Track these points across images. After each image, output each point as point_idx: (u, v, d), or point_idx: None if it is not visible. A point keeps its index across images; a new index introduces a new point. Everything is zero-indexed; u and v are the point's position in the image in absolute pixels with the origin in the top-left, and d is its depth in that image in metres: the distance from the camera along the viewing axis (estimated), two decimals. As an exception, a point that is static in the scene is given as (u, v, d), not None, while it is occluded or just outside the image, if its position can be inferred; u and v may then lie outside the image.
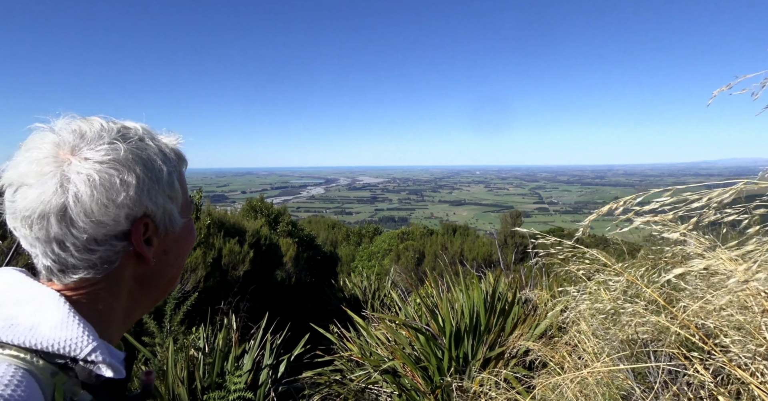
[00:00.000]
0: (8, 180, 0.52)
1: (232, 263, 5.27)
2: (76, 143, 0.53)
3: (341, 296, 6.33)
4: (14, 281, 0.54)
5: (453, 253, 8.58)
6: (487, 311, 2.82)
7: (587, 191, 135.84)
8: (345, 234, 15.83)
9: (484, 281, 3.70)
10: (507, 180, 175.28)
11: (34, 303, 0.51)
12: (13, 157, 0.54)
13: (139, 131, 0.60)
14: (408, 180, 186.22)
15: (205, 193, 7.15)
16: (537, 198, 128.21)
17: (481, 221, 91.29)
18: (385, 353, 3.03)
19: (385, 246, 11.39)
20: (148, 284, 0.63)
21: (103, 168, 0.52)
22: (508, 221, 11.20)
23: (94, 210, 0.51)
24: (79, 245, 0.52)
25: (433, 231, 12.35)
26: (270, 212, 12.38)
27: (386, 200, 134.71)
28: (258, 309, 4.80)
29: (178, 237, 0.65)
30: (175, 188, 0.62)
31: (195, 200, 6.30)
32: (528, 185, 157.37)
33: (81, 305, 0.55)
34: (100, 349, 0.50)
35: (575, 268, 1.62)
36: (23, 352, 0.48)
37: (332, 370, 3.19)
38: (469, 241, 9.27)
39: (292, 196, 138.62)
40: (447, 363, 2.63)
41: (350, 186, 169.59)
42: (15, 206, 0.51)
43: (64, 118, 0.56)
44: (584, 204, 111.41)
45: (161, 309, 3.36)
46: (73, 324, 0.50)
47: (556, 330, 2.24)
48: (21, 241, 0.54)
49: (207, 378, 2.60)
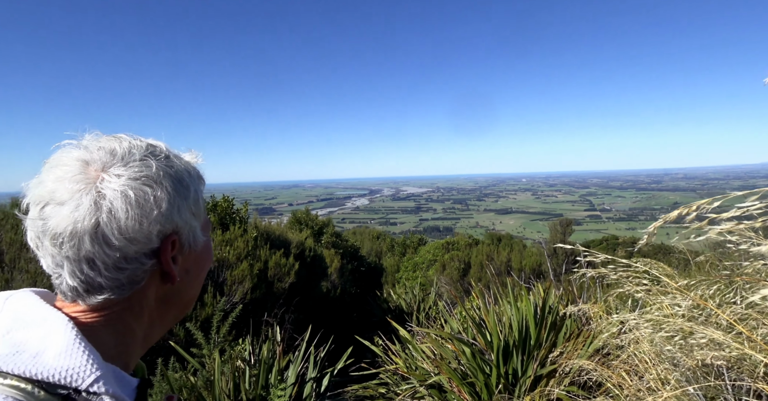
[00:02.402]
0: (36, 198, 0.51)
1: (277, 275, 5.36)
2: (107, 160, 0.53)
3: (386, 308, 6.27)
4: (30, 303, 0.53)
5: (499, 263, 8.34)
6: (537, 325, 2.68)
7: (643, 196, 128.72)
8: (389, 245, 15.81)
9: (532, 293, 3.54)
10: (555, 187, 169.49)
11: (43, 328, 0.49)
12: (37, 174, 0.53)
13: (164, 149, 0.60)
14: (452, 189, 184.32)
15: (253, 206, 7.34)
16: (588, 205, 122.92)
17: (528, 229, 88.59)
18: (430, 367, 2.95)
19: (429, 257, 11.25)
20: (169, 304, 0.61)
21: (137, 184, 0.52)
22: (557, 230, 10.78)
23: (128, 227, 0.51)
24: (110, 263, 0.51)
25: (479, 241, 12.09)
26: (315, 223, 12.59)
27: (430, 209, 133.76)
28: (303, 321, 4.84)
29: (198, 256, 0.63)
30: (200, 205, 0.62)
31: (242, 213, 6.48)
32: (578, 191, 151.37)
33: (101, 328, 0.53)
34: (103, 379, 0.48)
35: (632, 289, 1.48)
36: (24, 382, 0.45)
37: (377, 384, 3.14)
38: (516, 251, 8.98)
39: (337, 207, 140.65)
40: (495, 379, 2.51)
41: (394, 196, 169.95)
42: (46, 224, 0.50)
43: (90, 135, 0.56)
44: (640, 211, 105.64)
45: (209, 320, 3.44)
46: (78, 352, 0.48)
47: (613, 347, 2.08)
48: (45, 261, 0.52)
49: (252, 390, 2.62)
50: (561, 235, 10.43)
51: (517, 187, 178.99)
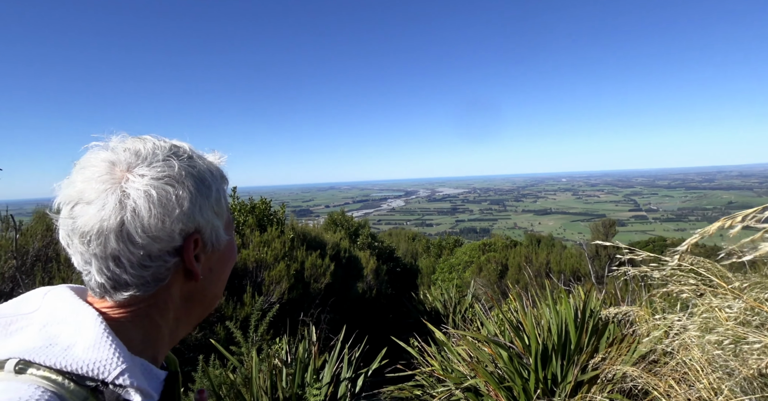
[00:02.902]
0: (66, 198, 0.53)
1: (314, 275, 5.43)
2: (132, 161, 0.55)
3: (421, 309, 6.23)
4: (65, 298, 0.55)
5: (538, 265, 8.12)
6: (578, 328, 2.58)
7: (693, 196, 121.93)
8: (425, 246, 15.73)
9: (573, 296, 3.42)
10: (597, 187, 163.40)
11: (75, 322, 0.52)
12: (68, 175, 0.55)
13: (187, 150, 0.61)
14: (489, 190, 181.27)
15: (290, 208, 7.49)
16: (633, 205, 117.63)
17: (569, 231, 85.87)
18: (466, 370, 2.90)
19: (465, 258, 11.11)
20: (193, 301, 0.63)
21: (160, 184, 0.54)
22: (599, 231, 10.37)
23: (151, 225, 0.52)
24: (134, 261, 0.53)
25: (517, 242, 11.83)
26: (350, 225, 12.71)
27: (467, 210, 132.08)
28: (338, 321, 4.88)
29: (221, 255, 0.65)
30: (222, 204, 0.63)
31: (279, 215, 6.61)
32: (622, 191, 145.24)
33: (128, 323, 0.55)
34: (129, 372, 0.49)
35: (678, 289, 1.39)
36: (55, 374, 0.47)
37: (413, 385, 3.12)
38: (556, 252, 8.71)
39: (373, 209, 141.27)
40: (533, 384, 2.44)
41: (430, 198, 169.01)
42: (75, 223, 0.52)
43: (117, 136, 0.58)
44: (690, 211, 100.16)
45: (248, 319, 3.52)
46: (105, 345, 0.49)
47: (660, 354, 1.98)
48: (75, 258, 0.55)
49: (288, 389, 2.66)
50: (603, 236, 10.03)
51: (556, 187, 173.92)
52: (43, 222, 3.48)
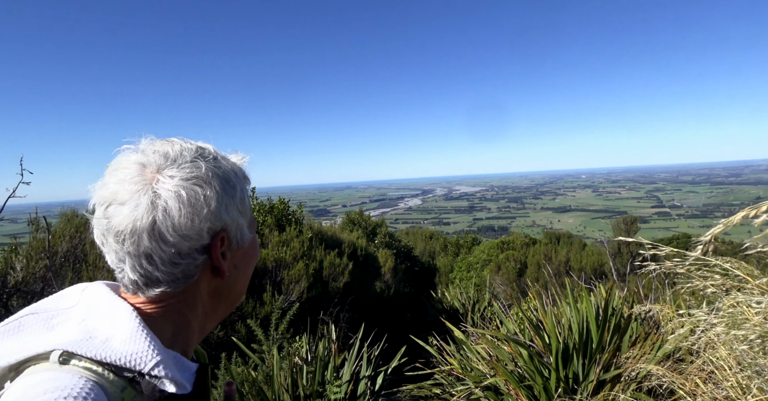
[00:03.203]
0: (100, 198, 0.56)
1: (332, 274, 5.47)
2: (161, 163, 0.57)
3: (440, 308, 6.22)
4: (101, 294, 0.59)
5: (558, 263, 8.02)
6: (599, 327, 2.55)
7: (719, 191, 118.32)
8: (443, 245, 15.68)
9: (594, 294, 3.38)
10: (618, 183, 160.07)
11: (111, 317, 0.55)
12: (100, 177, 0.58)
13: (212, 151, 0.64)
14: (507, 188, 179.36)
15: (308, 207, 7.55)
16: (656, 201, 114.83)
17: (589, 228, 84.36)
18: (486, 369, 2.89)
19: (484, 257, 11.04)
20: (219, 297, 0.66)
21: (188, 184, 0.56)
22: (621, 228, 10.19)
23: (182, 224, 0.55)
24: (165, 258, 0.56)
25: (536, 240, 11.70)
26: (368, 224, 12.74)
27: (484, 209, 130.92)
28: (357, 320, 4.90)
29: (246, 252, 0.67)
30: (246, 203, 0.66)
31: (297, 215, 6.68)
32: (644, 187, 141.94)
33: (160, 318, 0.58)
34: (164, 363, 0.52)
35: (704, 285, 1.35)
36: (96, 365, 0.50)
37: (432, 384, 3.12)
38: (576, 250, 8.59)
39: (390, 208, 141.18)
40: (554, 383, 2.41)
41: (447, 196, 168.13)
42: (109, 222, 0.55)
43: (145, 139, 0.61)
44: (716, 207, 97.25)
45: (268, 318, 3.57)
46: (141, 338, 0.52)
47: (685, 352, 1.93)
48: (109, 256, 0.58)
49: (309, 386, 2.69)
50: (625, 233, 9.84)
51: (576, 184, 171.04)
52: (71, 224, 3.59)
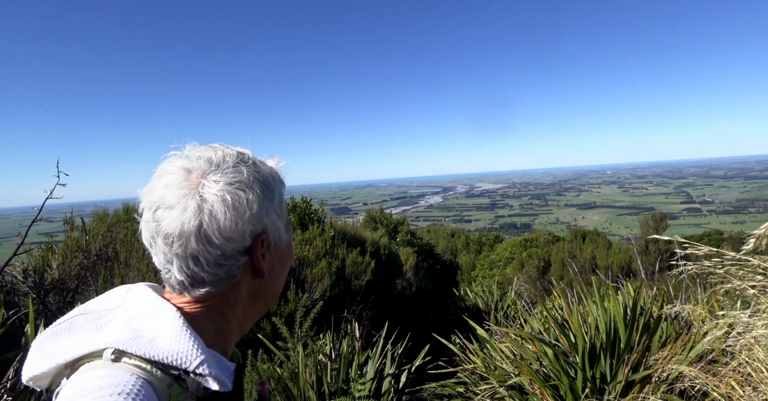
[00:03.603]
0: (149, 203, 0.59)
1: (355, 272, 5.50)
2: (205, 168, 0.60)
3: (462, 306, 6.19)
4: (145, 295, 0.62)
5: (583, 261, 7.87)
6: (627, 326, 2.49)
7: (753, 186, 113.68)
8: (464, 242, 15.57)
9: (621, 293, 3.30)
10: (645, 178, 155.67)
11: (157, 316, 0.58)
12: (148, 182, 0.62)
13: (251, 156, 0.67)
14: (529, 184, 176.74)
15: (329, 206, 7.61)
16: (685, 197, 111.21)
17: (615, 225, 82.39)
18: (510, 368, 2.86)
19: (506, 254, 10.92)
20: (258, 297, 0.68)
21: (232, 189, 0.59)
22: (649, 225, 9.92)
23: (226, 227, 0.58)
24: (211, 260, 0.58)
25: (560, 238, 11.50)
26: (389, 222, 12.75)
27: (506, 206, 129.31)
28: (380, 318, 4.92)
29: (282, 253, 0.70)
30: (283, 206, 0.69)
31: (319, 213, 6.73)
32: (672, 182, 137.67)
33: (203, 317, 0.61)
34: (207, 362, 0.54)
35: (743, 286, 1.31)
36: (145, 362, 0.53)
37: (455, 382, 3.11)
38: (602, 248, 8.42)
39: (411, 206, 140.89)
40: (581, 382, 2.38)
41: (468, 193, 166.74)
42: (159, 225, 0.58)
43: (190, 145, 0.65)
44: (750, 202, 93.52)
45: (292, 316, 3.62)
46: (185, 337, 0.55)
47: (719, 353, 1.87)
48: (157, 258, 0.61)
49: (334, 384, 2.71)
50: (653, 230, 9.58)
51: (601, 180, 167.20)
52: (103, 223, 3.71)
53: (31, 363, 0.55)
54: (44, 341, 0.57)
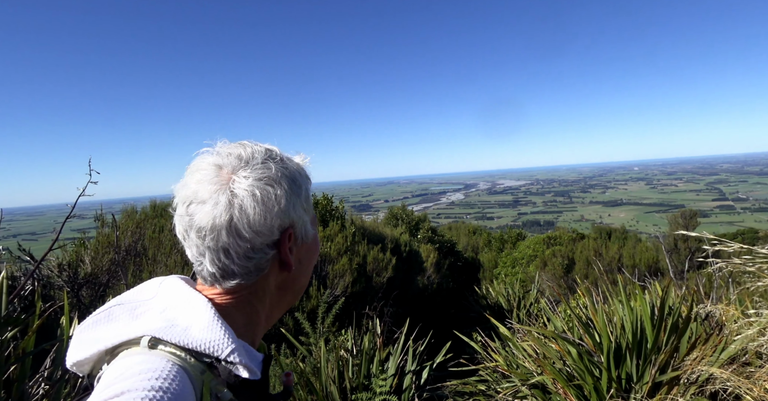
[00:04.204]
0: (182, 198, 0.62)
1: (376, 269, 5.52)
2: (236, 164, 0.63)
3: (484, 304, 6.15)
4: (178, 287, 0.65)
5: (609, 259, 7.70)
6: (655, 326, 2.43)
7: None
8: (486, 240, 15.45)
9: (648, 292, 3.22)
10: (674, 175, 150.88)
11: (189, 307, 0.60)
12: (182, 178, 0.64)
13: (278, 152, 0.69)
14: (553, 181, 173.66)
15: (350, 203, 7.66)
16: (717, 194, 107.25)
17: (642, 223, 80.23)
18: (532, 366, 2.83)
19: (529, 252, 10.78)
20: (285, 290, 0.71)
21: (261, 184, 0.61)
22: (678, 223, 9.62)
23: (256, 221, 0.60)
24: (241, 253, 0.61)
25: (584, 235, 11.28)
26: (410, 219, 12.74)
27: (529, 203, 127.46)
28: (401, 314, 4.93)
29: (309, 247, 0.73)
30: (309, 202, 0.71)
31: (340, 210, 6.78)
32: (703, 179, 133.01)
33: (233, 309, 0.64)
34: (237, 351, 0.57)
35: None
36: (179, 350, 0.56)
37: (477, 380, 3.09)
38: (629, 246, 8.22)
39: (432, 203, 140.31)
40: (606, 383, 2.33)
41: (490, 190, 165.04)
42: (192, 219, 0.60)
43: (220, 142, 0.67)
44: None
45: (314, 311, 3.66)
46: (217, 327, 0.57)
47: (753, 356, 1.81)
48: (190, 250, 0.63)
49: (355, 379, 2.74)
50: (683, 228, 9.28)
51: (627, 176, 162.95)
52: (132, 220, 3.82)
53: (74, 350, 0.59)
54: (85, 329, 0.61)
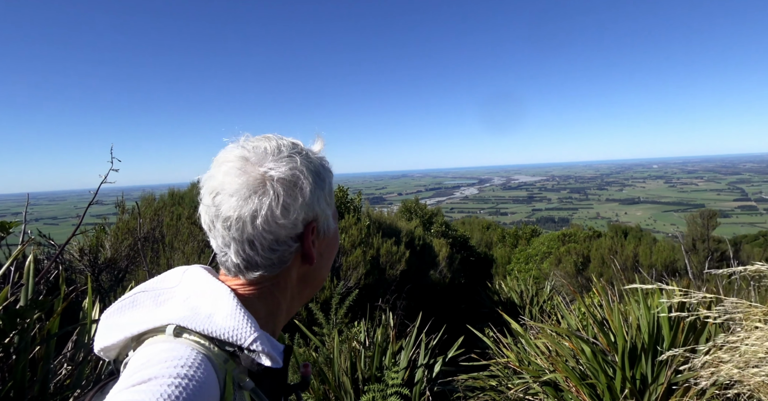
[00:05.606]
0: (209, 189, 0.63)
1: (389, 262, 5.54)
2: (261, 157, 0.63)
3: (496, 300, 6.13)
4: (201, 276, 0.65)
5: (625, 258, 7.60)
6: (672, 327, 2.40)
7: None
8: (500, 235, 15.36)
9: (666, 292, 3.18)
10: (695, 174, 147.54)
11: (212, 296, 0.61)
12: (208, 169, 0.65)
13: (302, 146, 0.70)
14: (569, 177, 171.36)
15: (364, 195, 7.65)
16: (739, 194, 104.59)
17: (660, 222, 78.79)
18: (544, 364, 2.82)
19: (543, 249, 10.69)
20: (306, 282, 0.71)
21: (287, 177, 0.62)
22: (697, 223, 9.43)
23: (280, 214, 0.61)
24: (266, 244, 0.61)
25: (600, 233, 11.14)
26: (424, 213, 12.72)
27: (544, 199, 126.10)
28: (413, 308, 4.95)
29: (330, 241, 0.73)
30: (332, 195, 0.72)
31: (355, 203, 6.80)
32: (725, 178, 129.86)
33: (255, 300, 0.64)
34: (260, 339, 0.57)
35: None
36: (203, 339, 0.56)
37: (488, 376, 3.10)
38: (645, 245, 8.09)
39: (446, 197, 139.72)
40: (619, 383, 2.32)
41: (505, 186, 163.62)
42: (218, 210, 0.61)
43: (244, 136, 0.68)
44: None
45: (328, 302, 3.69)
46: (240, 316, 0.58)
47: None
48: (215, 241, 0.64)
49: (367, 371, 2.76)
50: (702, 228, 9.10)
51: (646, 174, 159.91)
52: (151, 207, 3.89)
53: (101, 335, 0.60)
54: (111, 315, 0.63)
